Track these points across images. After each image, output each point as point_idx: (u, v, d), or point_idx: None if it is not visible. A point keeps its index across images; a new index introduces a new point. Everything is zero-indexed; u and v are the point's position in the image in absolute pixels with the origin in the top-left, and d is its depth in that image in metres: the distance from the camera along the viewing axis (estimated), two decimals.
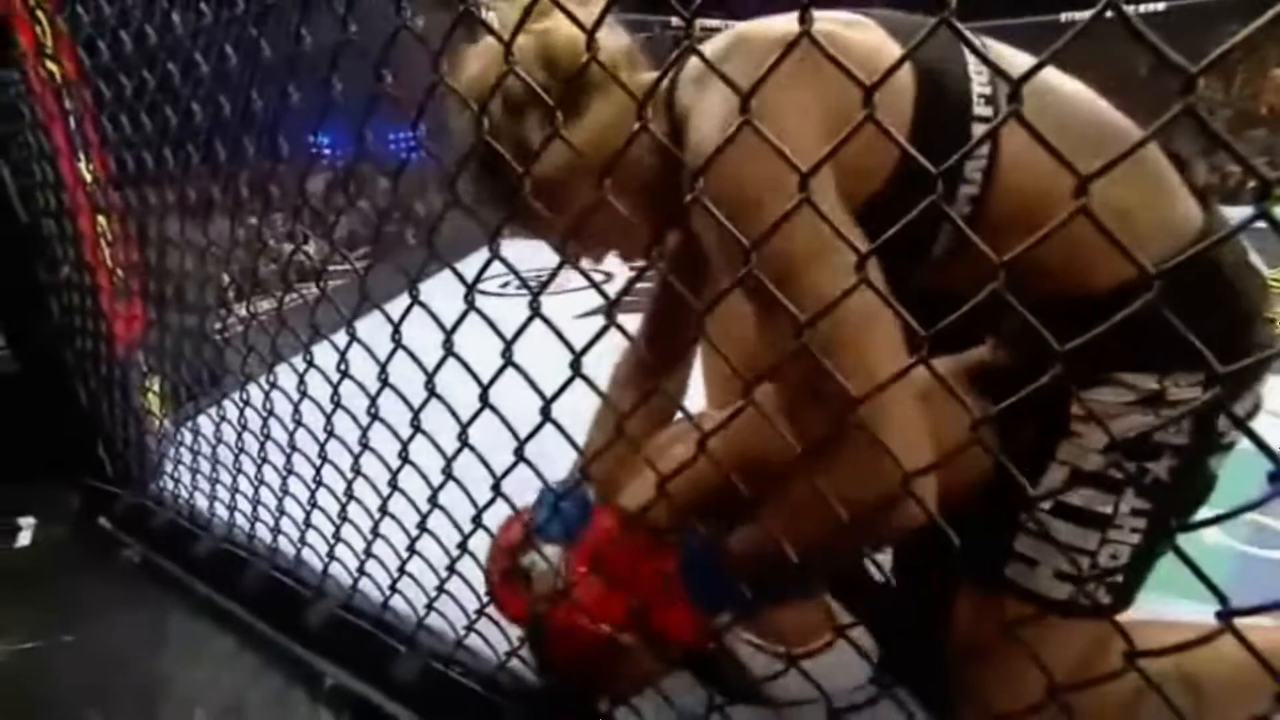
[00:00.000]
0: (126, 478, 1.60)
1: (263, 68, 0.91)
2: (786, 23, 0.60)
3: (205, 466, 1.32)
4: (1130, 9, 0.37)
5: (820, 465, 0.57)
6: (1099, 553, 0.68)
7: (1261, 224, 0.34)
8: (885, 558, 0.95)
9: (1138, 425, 0.65)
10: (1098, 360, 0.66)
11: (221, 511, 1.35)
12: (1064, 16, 7.29)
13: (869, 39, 0.65)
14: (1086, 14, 0.37)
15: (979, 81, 0.66)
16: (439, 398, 0.69)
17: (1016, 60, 0.66)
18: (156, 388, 1.62)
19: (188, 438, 1.35)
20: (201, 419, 1.34)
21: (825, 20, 0.63)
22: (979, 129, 0.64)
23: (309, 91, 0.85)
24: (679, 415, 0.86)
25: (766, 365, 0.58)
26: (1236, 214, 0.38)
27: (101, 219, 1.56)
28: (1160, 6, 4.42)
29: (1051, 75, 0.66)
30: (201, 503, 1.40)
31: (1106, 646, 0.52)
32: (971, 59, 0.66)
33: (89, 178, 1.50)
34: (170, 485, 1.48)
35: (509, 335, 0.63)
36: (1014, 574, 0.71)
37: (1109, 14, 0.37)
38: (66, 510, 1.65)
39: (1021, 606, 0.70)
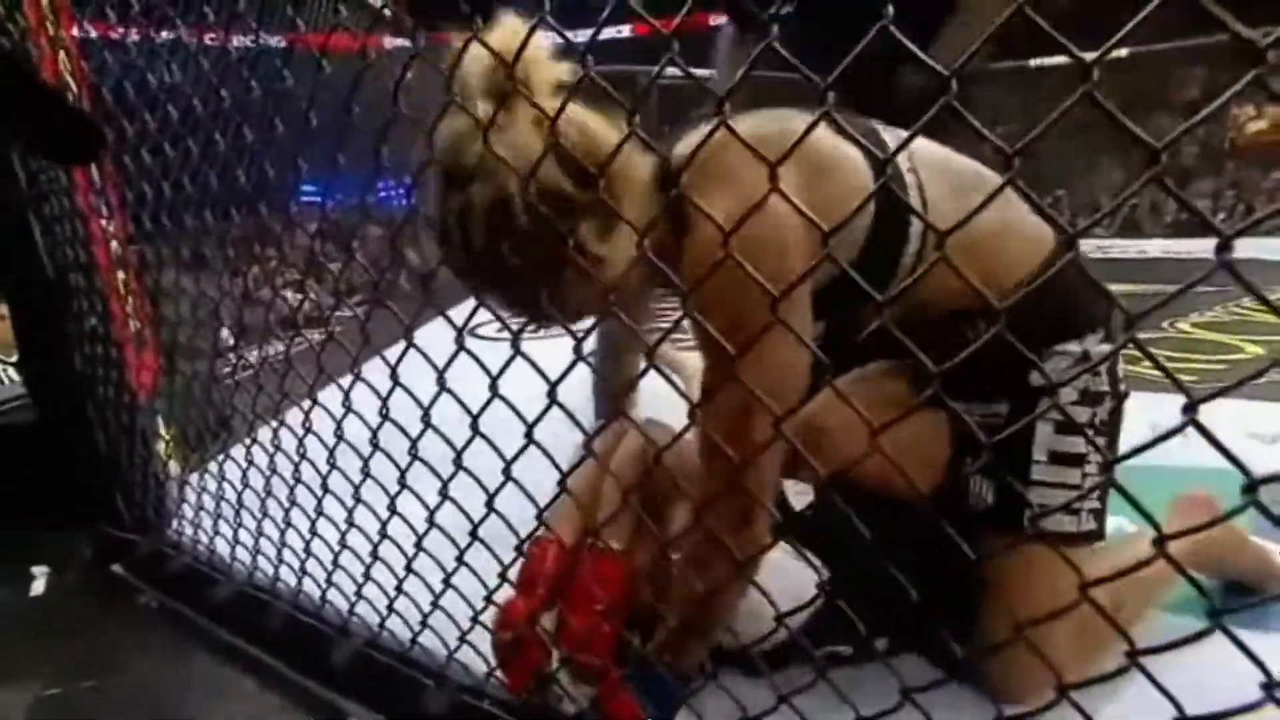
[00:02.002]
0: (143, 524, 1.62)
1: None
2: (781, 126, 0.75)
3: (228, 511, 1.35)
4: (1094, 54, 0.45)
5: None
6: (1083, 484, 0.89)
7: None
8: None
9: (1082, 382, 0.87)
10: (1040, 339, 0.87)
11: (243, 555, 1.37)
12: (1033, 63, 7.65)
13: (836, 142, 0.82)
14: (1055, 60, 0.45)
15: (905, 166, 0.86)
16: (484, 437, 0.75)
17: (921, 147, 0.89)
18: (174, 434, 1.65)
19: (210, 483, 1.38)
20: (224, 463, 1.38)
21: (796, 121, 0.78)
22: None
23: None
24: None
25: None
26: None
27: (122, 273, 1.62)
28: (1124, 53, 4.68)
29: (935, 148, 0.91)
30: (221, 547, 1.43)
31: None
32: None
33: (112, 235, 1.57)
34: (189, 531, 1.51)
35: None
36: (1036, 522, 0.88)
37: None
38: (79, 558, 1.66)
39: (1041, 546, 0.85)
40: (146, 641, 1.38)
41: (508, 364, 0.69)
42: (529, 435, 0.70)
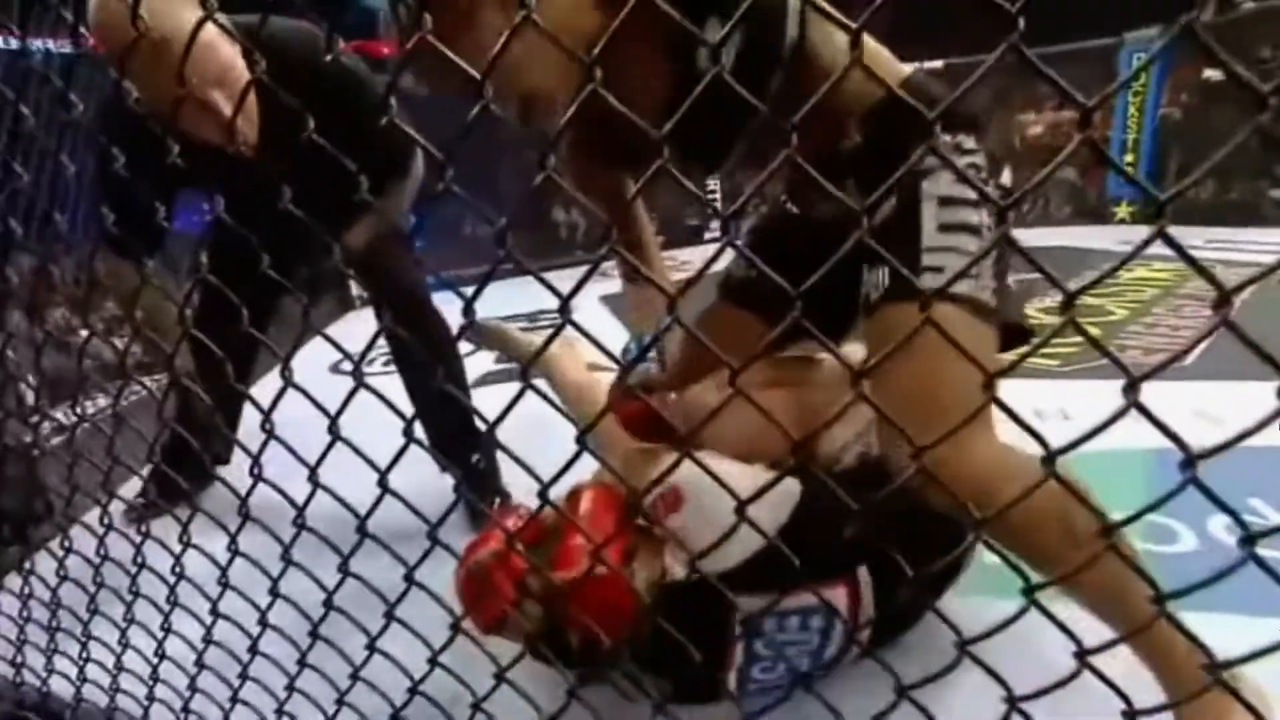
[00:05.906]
0: None
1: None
2: None
3: (6, 626, 1.11)
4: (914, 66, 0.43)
5: None
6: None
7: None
8: None
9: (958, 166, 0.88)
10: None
11: (30, 679, 1.13)
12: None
13: None
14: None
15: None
16: (311, 530, 0.63)
17: None
18: None
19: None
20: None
21: None
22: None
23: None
24: None
25: None
26: None
27: None
28: (939, 64, 5.20)
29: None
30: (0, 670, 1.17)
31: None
32: None
33: None
34: None
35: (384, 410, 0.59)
36: (927, 282, 0.87)
37: None
38: None
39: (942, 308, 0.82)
40: None
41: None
42: (384, 483, 0.60)
